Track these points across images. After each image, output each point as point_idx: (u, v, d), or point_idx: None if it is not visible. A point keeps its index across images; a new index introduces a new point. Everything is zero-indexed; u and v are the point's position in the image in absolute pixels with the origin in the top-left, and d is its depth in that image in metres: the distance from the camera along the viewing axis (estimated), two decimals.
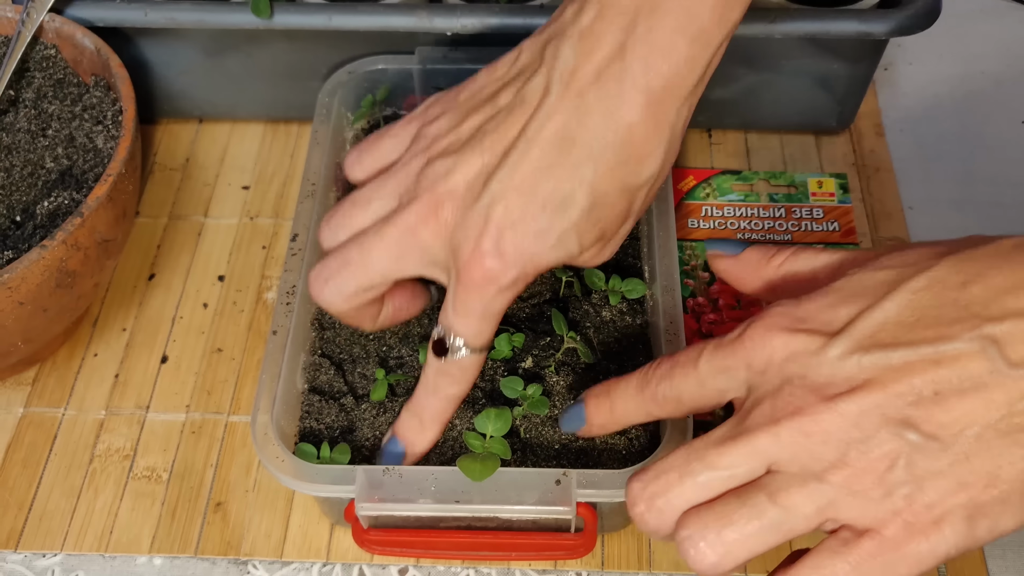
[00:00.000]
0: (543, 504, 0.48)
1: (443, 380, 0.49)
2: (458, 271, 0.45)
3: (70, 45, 0.65)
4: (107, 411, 0.62)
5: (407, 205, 0.46)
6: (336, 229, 0.49)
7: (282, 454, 0.50)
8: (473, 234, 0.44)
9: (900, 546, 0.34)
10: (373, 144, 0.52)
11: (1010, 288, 0.34)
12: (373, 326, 0.52)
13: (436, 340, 0.48)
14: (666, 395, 0.42)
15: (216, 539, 0.56)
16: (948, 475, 0.33)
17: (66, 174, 0.61)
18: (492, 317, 0.46)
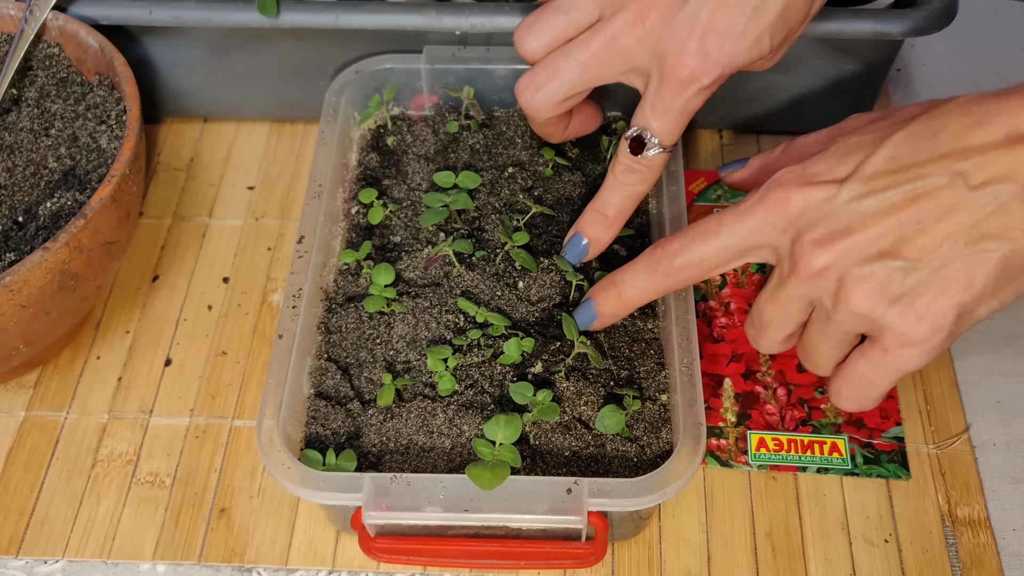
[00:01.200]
0: (554, 513, 0.47)
1: (631, 177, 0.53)
2: (663, 72, 0.49)
3: (74, 43, 0.64)
4: (110, 415, 0.61)
5: (614, 15, 0.50)
6: (538, 34, 0.53)
7: (288, 461, 0.49)
8: (679, 37, 0.48)
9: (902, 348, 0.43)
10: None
11: (966, 131, 0.42)
12: (562, 136, 0.59)
13: (634, 138, 0.52)
14: (684, 263, 0.49)
15: (220, 546, 0.55)
16: (933, 284, 0.42)
17: (69, 174, 0.60)
18: (687, 116, 0.51)
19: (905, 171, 0.43)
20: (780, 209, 0.45)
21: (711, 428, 0.59)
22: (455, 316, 0.56)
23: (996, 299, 0.42)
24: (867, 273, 0.43)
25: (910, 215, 0.42)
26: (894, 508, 0.56)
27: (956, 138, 0.42)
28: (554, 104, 0.53)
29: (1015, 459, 0.58)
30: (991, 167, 0.41)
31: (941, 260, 0.42)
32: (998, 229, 0.41)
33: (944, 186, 0.41)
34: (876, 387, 0.46)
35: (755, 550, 0.54)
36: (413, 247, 0.60)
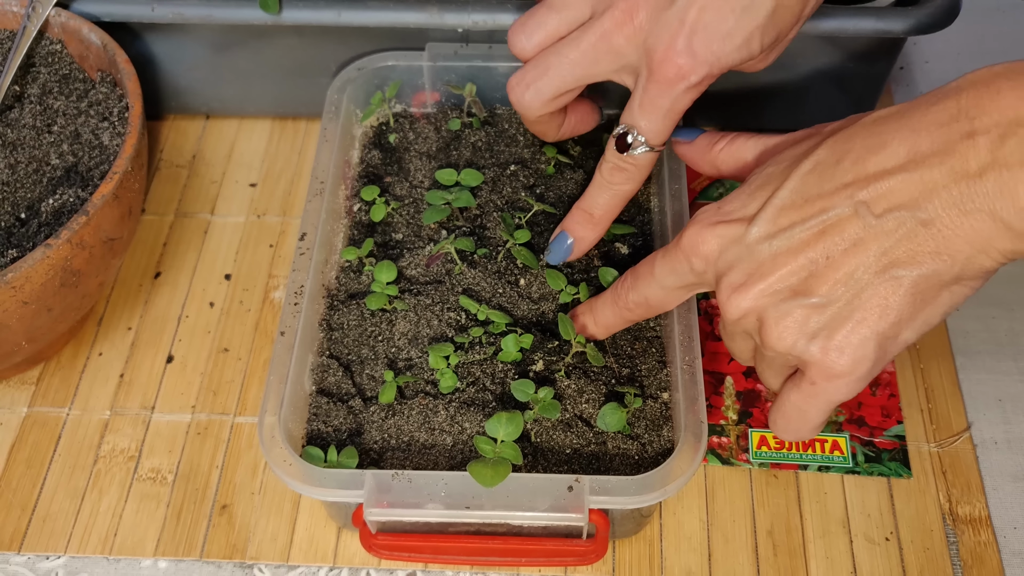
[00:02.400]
0: (555, 511, 0.47)
1: (618, 176, 0.53)
2: (651, 70, 0.49)
3: (76, 40, 0.64)
4: (112, 411, 0.61)
5: (603, 13, 0.50)
6: (531, 32, 0.53)
7: (290, 457, 0.49)
8: (667, 35, 0.48)
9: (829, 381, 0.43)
10: None
11: (868, 156, 0.41)
12: (557, 135, 0.58)
13: (619, 135, 0.52)
14: (636, 301, 0.51)
15: (222, 542, 0.55)
16: (848, 316, 0.41)
17: (71, 171, 0.60)
18: (675, 115, 0.50)
19: (811, 204, 0.42)
20: (696, 252, 0.46)
21: (712, 426, 0.59)
22: (456, 313, 0.56)
23: (919, 321, 0.42)
24: (783, 312, 0.43)
25: (818, 250, 0.42)
26: (895, 506, 0.56)
27: (857, 164, 0.41)
28: (544, 102, 0.53)
29: (1016, 457, 0.58)
30: (893, 193, 0.40)
31: (853, 291, 0.41)
32: (906, 255, 0.40)
33: (848, 217, 0.41)
34: (809, 419, 0.45)
35: (756, 548, 0.54)
36: (415, 244, 0.60)
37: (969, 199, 0.38)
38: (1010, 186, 0.37)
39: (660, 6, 0.49)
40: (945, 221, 0.39)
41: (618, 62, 0.51)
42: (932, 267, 0.40)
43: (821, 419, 0.45)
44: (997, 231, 0.38)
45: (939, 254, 0.39)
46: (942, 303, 0.41)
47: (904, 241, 0.40)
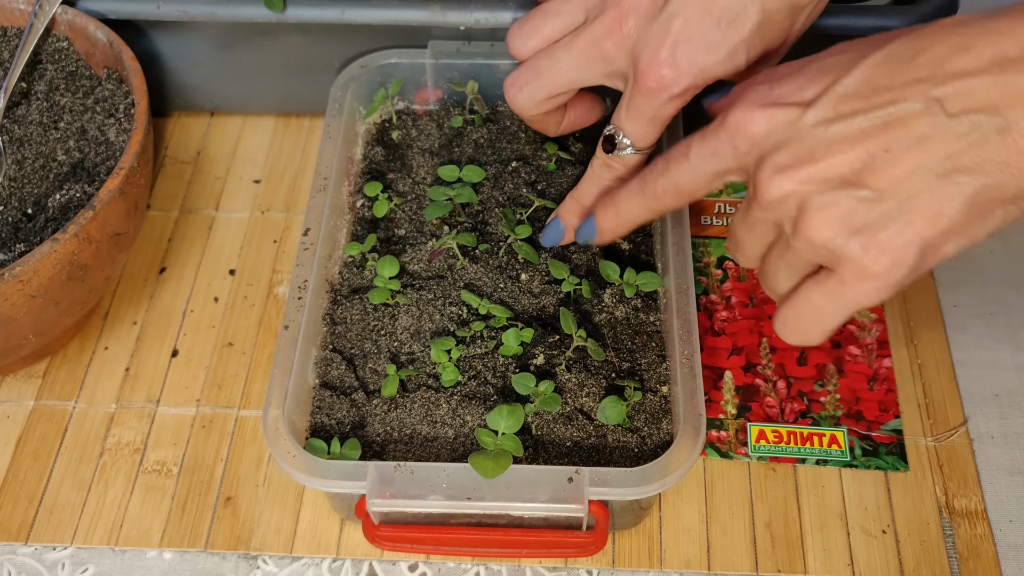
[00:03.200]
0: (555, 502, 0.48)
1: (607, 172, 0.54)
2: (635, 78, 0.50)
3: (82, 37, 0.65)
4: (117, 404, 0.62)
5: (594, 19, 0.51)
6: (527, 36, 0.54)
7: (293, 449, 0.50)
8: (652, 45, 0.49)
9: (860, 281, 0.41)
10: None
11: (949, 55, 0.39)
12: (557, 131, 0.59)
13: (606, 136, 0.53)
14: (665, 188, 0.48)
15: (226, 533, 0.56)
16: (898, 217, 0.39)
17: (78, 167, 0.61)
18: (660, 121, 0.51)
19: (878, 95, 0.40)
20: (742, 131, 0.43)
21: (712, 420, 0.59)
22: (458, 308, 0.57)
23: (965, 236, 0.40)
24: (828, 202, 0.40)
25: (879, 143, 0.39)
26: (892, 499, 0.56)
27: (937, 62, 0.39)
28: (536, 103, 0.54)
29: (1012, 452, 0.58)
30: (973, 95, 0.38)
31: (908, 192, 0.39)
32: (973, 162, 0.38)
33: (919, 113, 0.39)
34: (826, 320, 0.43)
35: (754, 540, 0.55)
36: (417, 240, 0.61)
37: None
38: None
39: (648, 15, 0.49)
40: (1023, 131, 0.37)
41: (608, 67, 0.52)
42: (998, 179, 0.38)
43: (837, 322, 0.43)
44: None
45: (1008, 166, 0.38)
46: (992, 221, 0.40)
47: (975, 147, 0.38)
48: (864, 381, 0.60)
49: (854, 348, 0.62)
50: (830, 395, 0.60)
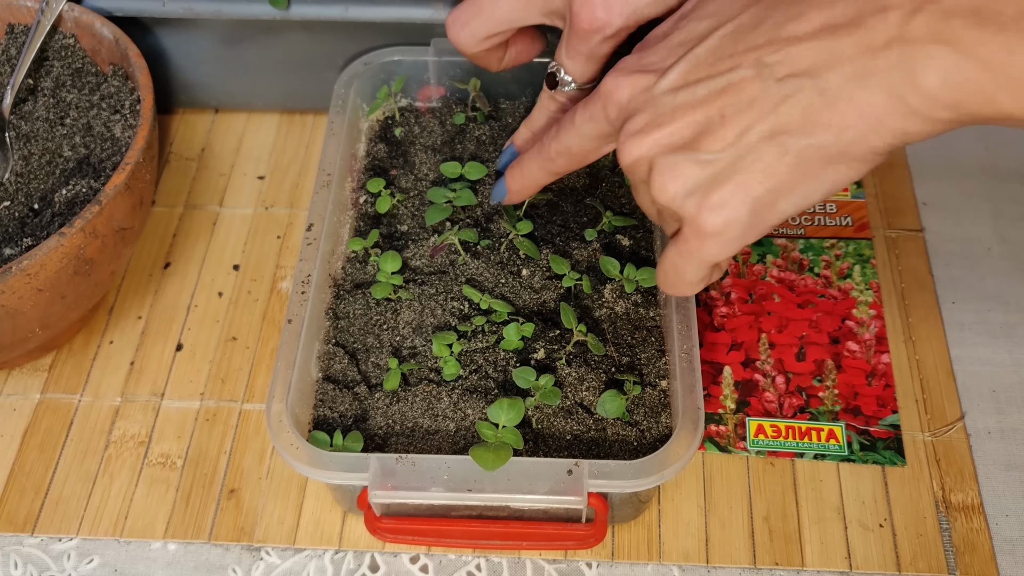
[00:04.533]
0: (554, 494, 0.49)
1: (551, 103, 0.56)
2: (571, 19, 0.50)
3: (88, 34, 0.65)
4: (122, 398, 0.62)
5: None
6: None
7: (296, 441, 0.50)
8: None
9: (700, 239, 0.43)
10: None
11: (785, 23, 0.41)
12: (499, 66, 0.59)
13: (549, 74, 0.54)
14: (558, 150, 0.51)
15: (229, 525, 0.57)
16: (728, 177, 0.41)
17: (84, 163, 0.62)
18: (597, 59, 0.52)
19: (721, 63, 0.42)
20: (611, 98, 0.46)
21: (711, 415, 0.60)
22: (460, 303, 0.58)
23: (798, 194, 0.41)
24: (670, 164, 0.43)
25: (715, 107, 0.42)
26: (889, 494, 0.57)
27: (773, 29, 0.41)
28: (477, 41, 0.55)
29: (1009, 447, 0.59)
30: (798, 59, 0.40)
31: (739, 152, 0.41)
32: (798, 123, 0.40)
33: (751, 78, 0.41)
34: (683, 276, 0.46)
35: (752, 533, 0.56)
36: (420, 236, 0.62)
37: (871, 71, 0.38)
38: (911, 60, 0.37)
39: None
40: (842, 92, 0.39)
41: (546, 7, 0.52)
42: (821, 138, 0.40)
43: (696, 277, 0.46)
44: (891, 107, 0.38)
45: (830, 126, 0.39)
46: (824, 180, 0.41)
47: (798, 108, 0.40)
48: (862, 377, 0.61)
49: (852, 344, 0.62)
50: (828, 390, 0.60)
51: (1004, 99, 0.36)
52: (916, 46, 0.37)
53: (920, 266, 0.67)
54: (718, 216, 0.42)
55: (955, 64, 0.36)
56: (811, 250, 0.67)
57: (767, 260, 0.66)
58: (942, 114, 0.38)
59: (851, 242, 0.67)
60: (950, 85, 0.37)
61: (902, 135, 0.39)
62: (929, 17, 0.37)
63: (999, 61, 0.35)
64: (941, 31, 0.36)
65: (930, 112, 0.38)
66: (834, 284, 0.65)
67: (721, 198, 0.42)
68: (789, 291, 0.65)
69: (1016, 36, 0.35)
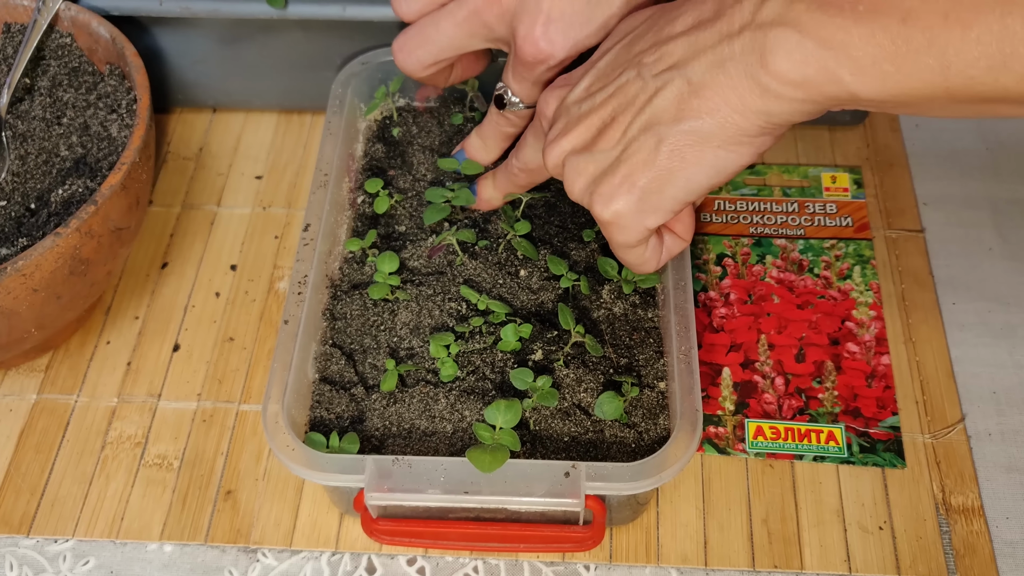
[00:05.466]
0: (552, 496, 0.48)
1: (502, 120, 0.59)
2: (515, 50, 0.53)
3: (85, 33, 0.65)
4: (119, 398, 0.62)
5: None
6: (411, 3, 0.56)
7: (292, 443, 0.50)
8: (527, 20, 0.51)
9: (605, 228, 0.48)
10: None
11: (664, 25, 0.45)
12: (446, 84, 0.62)
13: (496, 94, 0.57)
14: (519, 167, 0.57)
15: (226, 527, 0.57)
16: (616, 169, 0.46)
17: (80, 162, 0.61)
18: (543, 84, 0.55)
19: (614, 70, 0.47)
20: (543, 113, 0.51)
21: (710, 416, 0.59)
22: (458, 304, 0.57)
23: (682, 179, 0.45)
24: (573, 164, 0.48)
25: (608, 110, 0.46)
26: (889, 496, 0.56)
27: (655, 34, 0.45)
28: (424, 67, 0.57)
29: (1009, 449, 0.58)
30: (670, 56, 0.44)
31: (623, 146, 0.45)
32: (670, 113, 0.43)
33: (633, 79, 0.45)
34: (621, 256, 0.51)
35: (751, 536, 0.55)
36: (418, 236, 0.61)
37: (728, 57, 0.41)
38: (760, 43, 0.40)
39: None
40: (707, 79, 0.42)
41: (491, 35, 0.54)
42: (692, 124, 0.43)
43: (631, 257, 0.51)
44: (749, 89, 0.41)
45: (699, 112, 0.43)
46: (706, 164, 0.44)
47: (670, 99, 0.44)
48: (862, 378, 0.61)
49: (852, 345, 0.62)
50: (828, 392, 0.60)
51: (846, 77, 0.39)
52: (764, 30, 0.40)
53: (920, 266, 0.66)
54: (608, 207, 0.47)
55: (798, 44, 0.39)
56: (811, 251, 0.66)
57: (767, 261, 0.66)
58: (795, 93, 0.40)
59: (851, 242, 0.67)
60: (796, 64, 0.39)
61: (765, 115, 0.42)
62: (777, 3, 0.40)
63: (838, 41, 0.38)
64: (786, 15, 0.39)
65: (783, 91, 0.40)
66: (834, 285, 0.65)
67: (609, 190, 0.46)
68: (789, 292, 0.64)
69: (852, 18, 0.38)
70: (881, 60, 0.38)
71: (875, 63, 0.38)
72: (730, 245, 0.67)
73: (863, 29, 0.38)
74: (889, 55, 0.37)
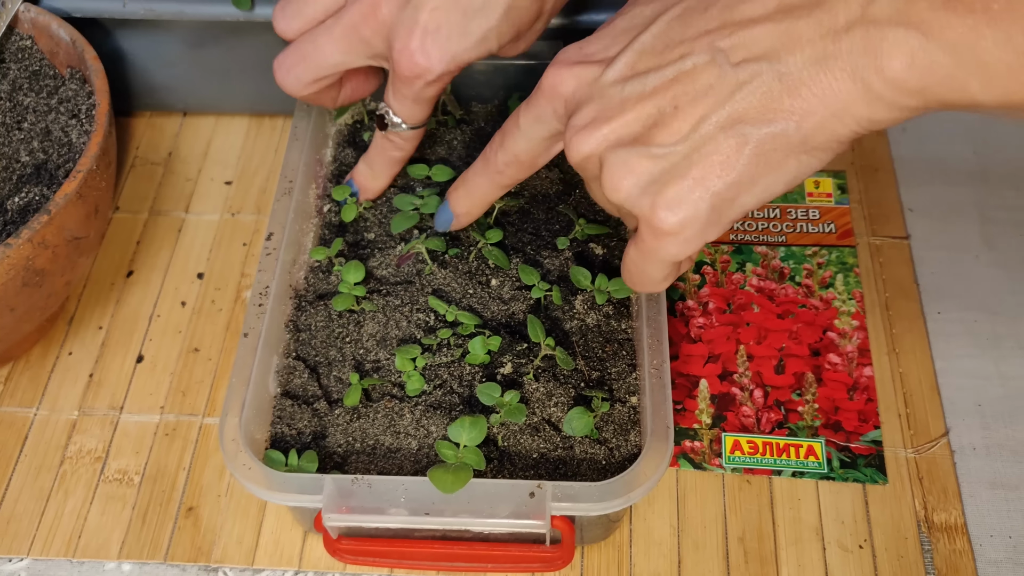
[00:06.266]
0: (516, 518, 0.47)
1: (387, 144, 0.57)
2: (393, 64, 0.51)
3: (46, 36, 0.63)
4: (80, 411, 0.60)
5: (352, 4, 0.51)
6: (291, 17, 0.53)
7: (250, 461, 0.48)
8: (404, 33, 0.49)
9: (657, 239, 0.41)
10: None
11: (737, 4, 0.39)
12: (335, 104, 0.58)
13: (378, 115, 0.54)
14: (506, 160, 0.49)
15: (187, 545, 0.55)
16: (684, 171, 0.39)
17: (41, 168, 0.60)
18: (424, 102, 0.52)
19: (671, 50, 0.40)
20: (555, 93, 0.44)
21: (685, 430, 0.58)
22: (426, 315, 0.56)
23: (759, 186, 0.39)
24: (621, 160, 0.40)
25: (667, 97, 0.39)
26: (870, 513, 0.55)
27: (725, 11, 0.39)
28: (304, 85, 0.54)
29: (994, 464, 0.57)
30: (755, 43, 0.37)
31: (694, 144, 0.39)
32: (757, 111, 0.37)
33: (705, 64, 0.38)
34: (647, 274, 0.44)
35: (727, 555, 0.54)
36: (387, 244, 0.60)
37: (832, 55, 0.36)
38: (875, 43, 0.35)
39: (399, 4, 0.49)
40: (804, 77, 0.36)
41: (369, 51, 0.52)
42: (782, 126, 0.37)
43: (659, 276, 0.43)
44: (855, 93, 0.36)
45: (792, 113, 0.37)
46: (787, 171, 0.39)
47: (757, 95, 0.37)
48: (844, 390, 0.59)
49: (834, 356, 0.60)
50: (808, 405, 0.58)
51: (973, 85, 0.34)
52: (880, 28, 0.35)
53: (905, 275, 0.64)
54: (674, 214, 0.39)
55: (921, 47, 0.34)
56: (792, 258, 0.65)
57: (747, 268, 0.64)
58: (908, 100, 0.35)
59: (834, 250, 0.65)
60: (917, 70, 0.34)
61: (867, 122, 0.37)
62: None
63: (967, 44, 0.33)
64: (906, 12, 0.34)
65: (896, 98, 0.36)
66: (816, 293, 0.63)
67: (677, 195, 0.39)
68: (769, 301, 0.63)
69: (984, 18, 0.33)
70: (1019, 68, 0.33)
71: (1010, 71, 0.33)
72: (709, 252, 0.65)
73: (998, 32, 0.32)
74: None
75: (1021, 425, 0.58)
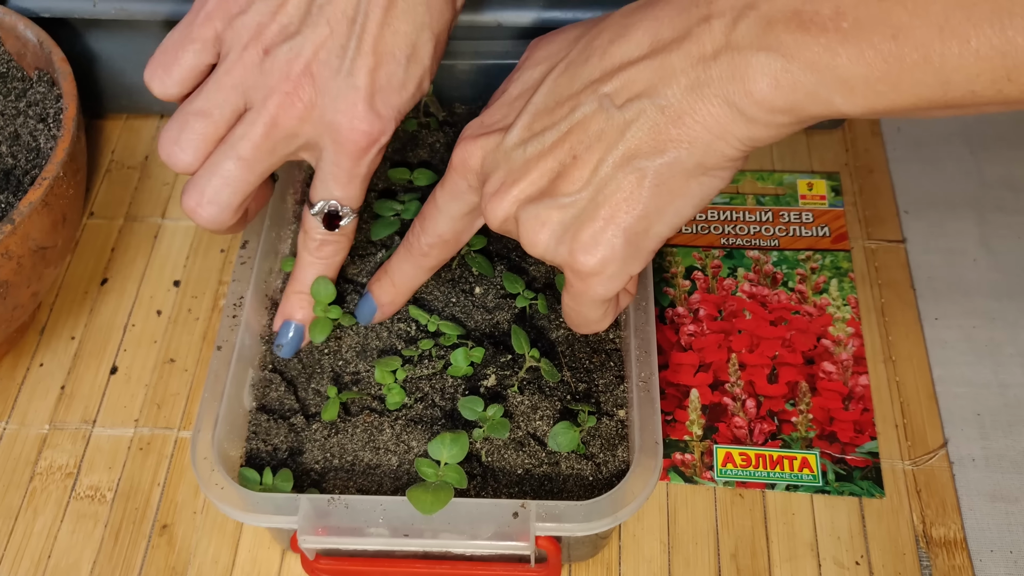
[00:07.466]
0: (499, 539, 0.45)
1: (328, 248, 0.52)
2: (338, 143, 0.47)
3: (13, 37, 0.61)
4: (51, 425, 0.58)
5: (265, 100, 0.46)
6: (186, 145, 0.47)
7: (223, 481, 0.47)
8: (346, 105, 0.46)
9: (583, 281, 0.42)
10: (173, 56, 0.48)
11: (612, 49, 0.40)
12: (241, 229, 0.52)
13: (327, 214, 0.50)
14: (430, 242, 0.49)
15: (160, 564, 0.53)
16: (592, 214, 0.40)
17: (9, 174, 0.58)
18: (369, 176, 0.49)
19: (561, 106, 0.41)
20: (466, 167, 0.45)
21: (676, 442, 0.56)
22: (407, 324, 0.54)
23: (669, 214, 0.40)
24: (533, 215, 0.42)
25: (564, 150, 0.41)
26: (866, 528, 0.53)
27: (604, 59, 0.40)
28: (233, 211, 0.48)
29: (994, 475, 0.55)
30: (634, 83, 0.39)
31: (597, 187, 0.40)
32: (647, 145, 0.39)
33: (593, 112, 0.40)
34: (584, 316, 0.45)
35: (719, 572, 0.52)
36: (367, 251, 0.58)
37: (704, 82, 0.37)
38: (740, 68, 0.36)
39: (325, 77, 0.46)
40: (684, 106, 0.38)
41: (294, 144, 0.48)
42: (673, 155, 0.39)
43: (596, 315, 0.45)
44: (731, 116, 0.37)
45: (679, 141, 0.39)
46: (692, 194, 0.40)
47: (645, 130, 0.39)
48: (839, 400, 0.57)
49: (828, 365, 0.59)
50: (802, 415, 0.57)
51: (837, 99, 0.35)
52: (743, 54, 0.36)
53: (901, 279, 0.63)
54: (592, 256, 0.41)
55: (783, 69, 0.36)
56: (785, 263, 0.63)
57: (738, 274, 0.62)
58: (781, 118, 0.37)
59: (828, 254, 0.63)
60: (782, 90, 0.36)
61: (750, 140, 0.38)
62: (752, 24, 0.36)
63: (825, 63, 0.35)
64: (765, 37, 0.36)
65: (768, 117, 0.37)
66: (809, 299, 0.61)
67: (591, 236, 0.40)
68: (761, 307, 0.61)
69: (836, 36, 0.34)
70: (873, 81, 0.34)
71: (867, 83, 0.34)
72: (700, 257, 0.63)
73: (850, 49, 0.34)
74: (881, 75, 0.34)
75: (1021, 435, 0.56)
